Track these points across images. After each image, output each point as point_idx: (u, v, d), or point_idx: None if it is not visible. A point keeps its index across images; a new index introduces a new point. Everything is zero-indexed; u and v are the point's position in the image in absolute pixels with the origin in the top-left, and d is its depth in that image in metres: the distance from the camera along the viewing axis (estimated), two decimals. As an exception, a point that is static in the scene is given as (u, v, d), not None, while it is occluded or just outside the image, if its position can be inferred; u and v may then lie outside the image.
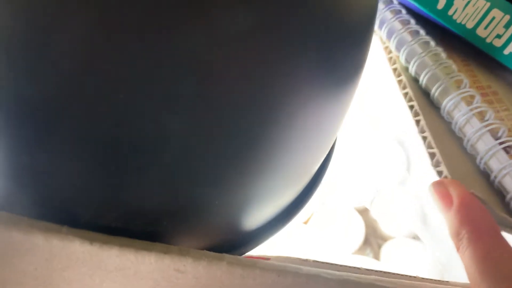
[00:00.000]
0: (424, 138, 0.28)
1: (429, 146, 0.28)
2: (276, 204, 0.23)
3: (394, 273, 0.29)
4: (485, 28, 0.31)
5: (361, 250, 0.45)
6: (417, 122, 0.29)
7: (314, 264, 0.28)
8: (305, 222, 0.46)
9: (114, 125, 0.14)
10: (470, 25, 0.31)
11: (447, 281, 0.27)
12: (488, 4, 0.30)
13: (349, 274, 0.20)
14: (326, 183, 0.48)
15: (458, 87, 0.30)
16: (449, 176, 0.26)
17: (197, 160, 0.16)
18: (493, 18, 0.31)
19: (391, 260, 0.43)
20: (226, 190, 0.18)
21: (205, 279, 0.18)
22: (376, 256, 0.45)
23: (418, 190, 0.45)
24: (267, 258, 0.28)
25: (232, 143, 0.16)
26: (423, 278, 0.28)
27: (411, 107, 0.30)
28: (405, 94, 0.30)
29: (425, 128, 0.28)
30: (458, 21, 0.31)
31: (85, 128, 0.14)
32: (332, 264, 0.29)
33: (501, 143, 0.26)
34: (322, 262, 0.28)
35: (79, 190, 0.16)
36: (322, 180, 0.28)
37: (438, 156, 0.27)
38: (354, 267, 0.29)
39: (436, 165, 0.27)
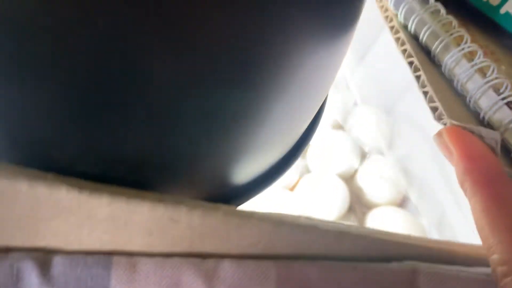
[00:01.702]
0: (425, 93, 0.27)
1: (430, 100, 0.27)
2: (265, 159, 0.22)
3: (386, 232, 0.29)
4: (482, -15, 0.30)
5: (346, 217, 0.45)
6: (417, 77, 0.28)
7: (307, 221, 0.28)
8: (291, 189, 0.45)
9: (91, 58, 0.13)
10: (466, -19, 0.30)
11: (442, 240, 0.27)
12: (486, -42, 0.30)
13: (347, 225, 0.20)
14: (313, 149, 0.48)
15: (459, 44, 0.29)
16: (454, 122, 0.25)
17: (183, 106, 0.15)
18: (491, -26, 0.30)
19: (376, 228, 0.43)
20: (213, 140, 0.17)
21: (200, 228, 0.17)
22: (361, 224, 0.45)
23: (407, 152, 0.45)
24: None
25: (220, 91, 0.15)
26: (416, 237, 0.28)
27: (411, 63, 0.29)
28: (404, 51, 0.29)
29: (426, 82, 0.27)
30: (454, -23, 0.30)
31: (59, 59, 0.13)
32: (325, 221, 0.28)
33: (503, 98, 0.26)
34: (315, 219, 0.28)
35: (52, 130, 0.15)
36: (311, 138, 0.28)
37: (441, 109, 0.26)
38: (347, 225, 0.28)
39: (439, 118, 0.26)
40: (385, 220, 0.43)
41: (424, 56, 0.30)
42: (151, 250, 0.17)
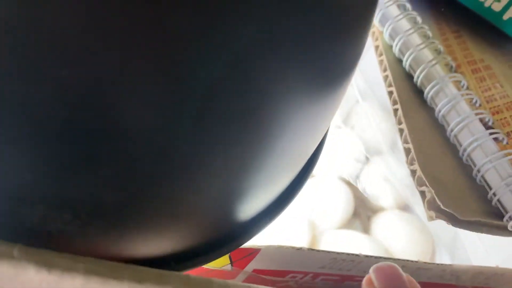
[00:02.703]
0: (401, 131, 0.26)
1: (405, 141, 0.26)
2: (271, 190, 0.21)
3: (398, 259, 0.28)
4: (484, -9, 0.29)
5: (350, 223, 0.44)
6: (395, 111, 0.27)
7: (309, 253, 0.26)
8: (292, 197, 0.44)
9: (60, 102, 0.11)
10: (467, -13, 0.29)
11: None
12: (487, -37, 0.28)
13: None
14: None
15: (445, 70, 0.28)
16: (422, 176, 0.24)
17: (178, 153, 0.13)
18: (493, -21, 0.28)
19: (381, 233, 0.42)
20: (208, 179, 0.15)
21: None
22: (366, 229, 0.44)
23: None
24: (258, 249, 0.26)
25: (214, 124, 0.13)
26: (425, 263, 0.27)
27: (390, 93, 0.27)
28: (385, 77, 0.28)
29: (402, 119, 0.26)
30: (454, -17, 0.28)
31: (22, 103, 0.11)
32: (328, 252, 0.27)
33: (491, 133, 0.25)
34: (318, 251, 0.26)
35: (22, 183, 0.13)
36: (318, 159, 0.26)
37: (413, 153, 0.25)
38: (354, 254, 0.27)
39: (410, 162, 0.25)
40: (391, 225, 0.42)
41: (406, 82, 0.28)
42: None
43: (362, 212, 0.44)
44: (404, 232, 0.41)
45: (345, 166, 0.45)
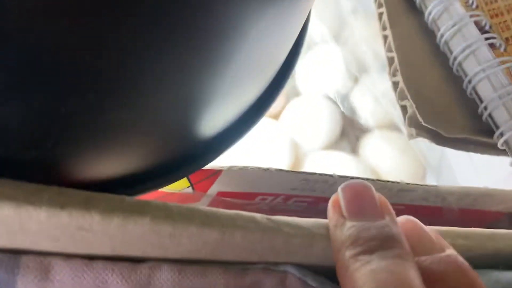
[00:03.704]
0: (385, 38, 0.23)
1: (388, 49, 0.22)
2: (239, 101, 0.18)
3: (378, 180, 0.26)
4: None
5: (338, 143, 0.42)
6: (380, 15, 0.23)
7: (277, 173, 0.24)
8: (276, 117, 0.42)
9: None
10: None
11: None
12: None
13: (318, 223, 0.16)
14: (300, 70, 0.43)
15: None
16: (404, 89, 0.22)
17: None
18: None
19: (370, 153, 0.40)
20: (166, 86, 0.13)
21: (121, 236, 0.14)
22: (354, 150, 0.42)
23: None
24: (218, 171, 0.24)
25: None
26: (407, 184, 0.25)
27: None
28: None
29: (387, 24, 0.23)
30: None
31: None
32: (298, 172, 0.25)
33: (487, 38, 0.22)
34: (287, 171, 0.25)
35: None
36: (292, 70, 0.23)
37: (396, 62, 0.22)
38: (327, 175, 0.25)
39: (393, 73, 0.22)
40: (380, 145, 0.40)
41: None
42: (65, 251, 0.14)
43: (351, 132, 0.42)
44: (393, 152, 0.39)
45: (333, 84, 0.42)
